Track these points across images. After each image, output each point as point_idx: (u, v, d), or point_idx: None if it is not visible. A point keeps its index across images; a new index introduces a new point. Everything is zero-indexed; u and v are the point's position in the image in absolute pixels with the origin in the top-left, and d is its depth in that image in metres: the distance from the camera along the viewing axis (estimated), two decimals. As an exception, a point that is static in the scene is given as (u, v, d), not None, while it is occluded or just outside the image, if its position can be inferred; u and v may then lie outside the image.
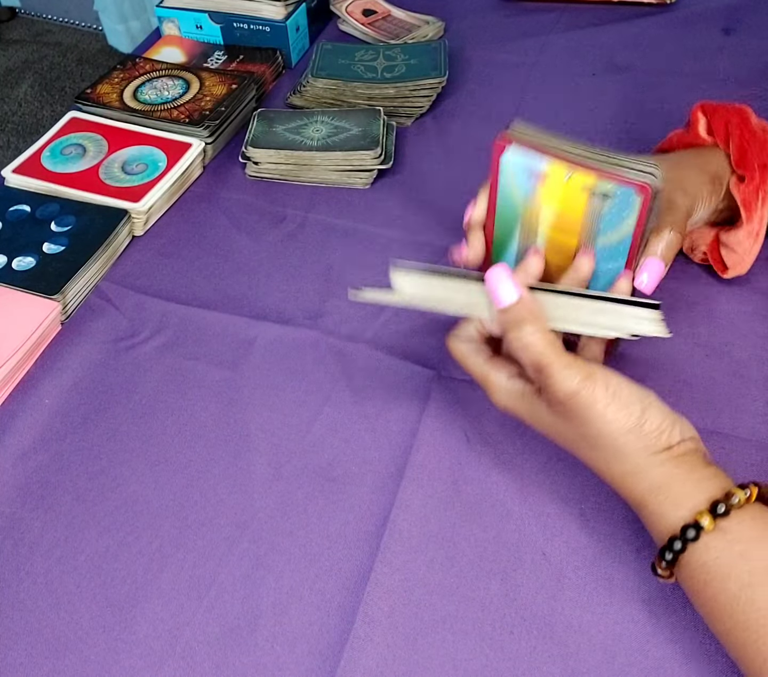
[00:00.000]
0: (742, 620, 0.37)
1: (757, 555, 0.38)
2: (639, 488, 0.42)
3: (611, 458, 0.42)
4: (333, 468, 0.51)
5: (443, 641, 0.43)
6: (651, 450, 0.41)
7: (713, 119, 0.57)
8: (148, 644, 0.44)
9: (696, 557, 0.39)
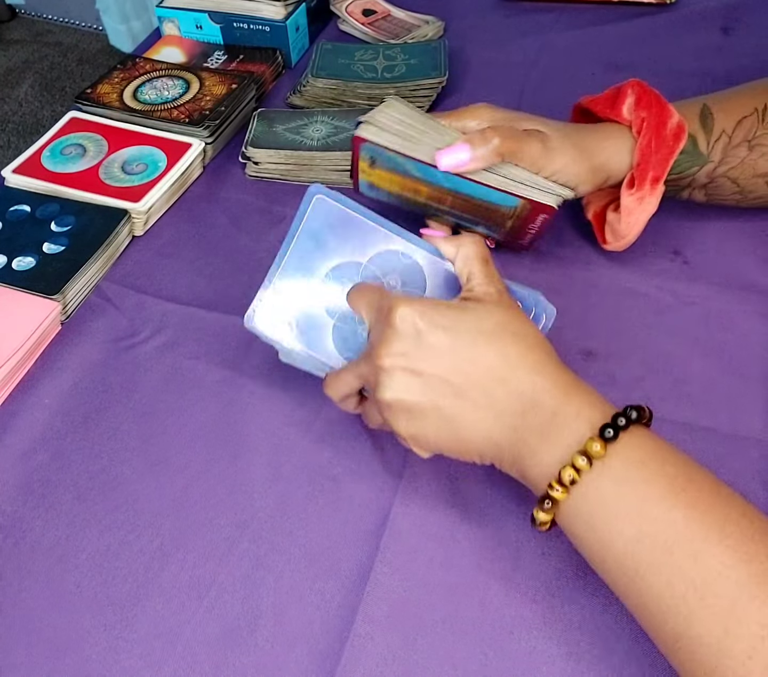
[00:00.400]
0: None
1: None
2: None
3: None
4: (332, 468, 0.51)
5: (443, 641, 0.43)
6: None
7: (637, 107, 0.56)
8: (149, 643, 0.44)
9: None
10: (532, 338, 0.42)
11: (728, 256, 0.63)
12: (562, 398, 0.40)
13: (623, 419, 0.38)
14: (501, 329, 0.41)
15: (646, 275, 0.62)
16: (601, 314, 0.59)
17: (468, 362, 0.41)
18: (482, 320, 0.42)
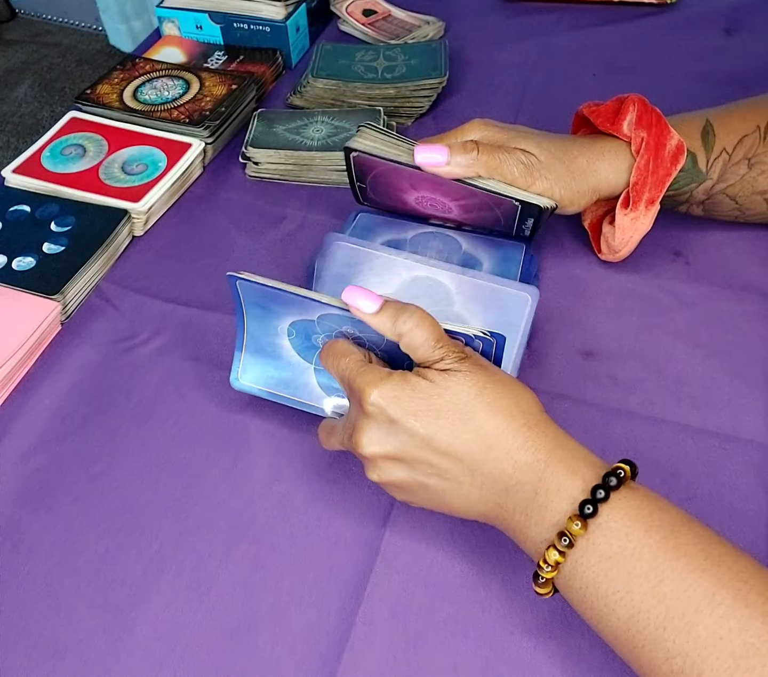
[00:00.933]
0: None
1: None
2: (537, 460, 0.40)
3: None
4: (332, 470, 0.51)
5: (443, 642, 0.43)
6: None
7: (637, 125, 0.56)
8: (148, 646, 0.44)
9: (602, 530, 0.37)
10: (507, 403, 0.41)
11: (729, 257, 0.63)
12: (542, 472, 0.39)
13: (602, 491, 0.37)
14: (475, 403, 0.40)
15: (647, 276, 0.61)
16: (602, 314, 0.59)
17: (446, 444, 0.40)
18: (454, 396, 0.40)
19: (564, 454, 0.40)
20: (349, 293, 0.44)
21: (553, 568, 0.38)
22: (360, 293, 0.43)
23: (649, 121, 0.56)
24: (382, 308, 0.43)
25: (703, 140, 0.56)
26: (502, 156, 0.53)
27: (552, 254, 0.64)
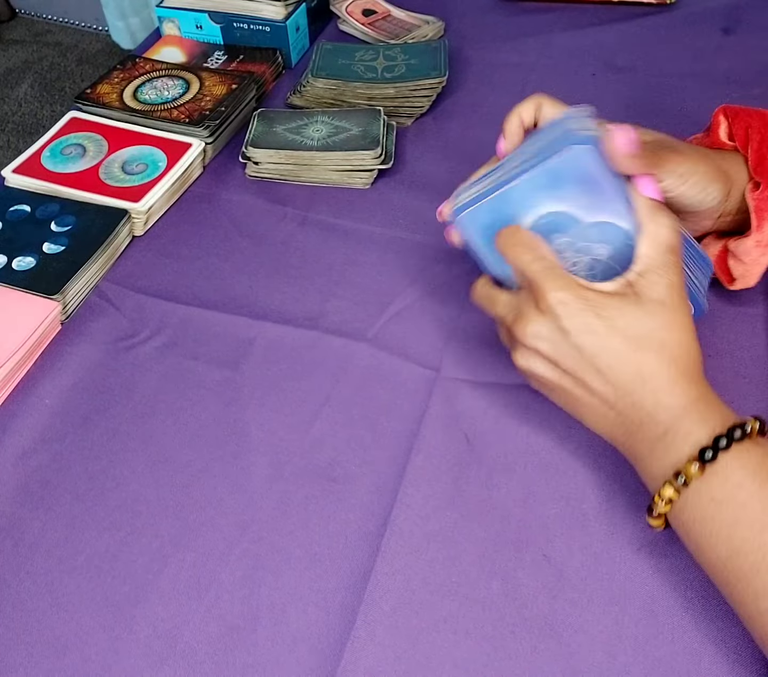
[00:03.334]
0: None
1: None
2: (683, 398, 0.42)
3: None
4: (333, 468, 0.51)
5: (444, 641, 0.43)
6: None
7: (734, 123, 0.55)
8: (149, 644, 0.44)
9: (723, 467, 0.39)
10: (678, 349, 0.43)
11: (729, 256, 0.63)
12: (678, 417, 0.41)
13: (725, 440, 0.39)
14: (650, 337, 0.42)
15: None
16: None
17: (606, 367, 0.43)
18: (635, 323, 0.42)
19: (704, 407, 0.42)
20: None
21: (666, 503, 0.41)
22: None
23: (746, 112, 0.55)
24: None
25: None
26: (659, 152, 0.50)
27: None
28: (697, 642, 0.42)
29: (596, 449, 0.50)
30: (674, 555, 0.45)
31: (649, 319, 0.42)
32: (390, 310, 0.60)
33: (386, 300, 0.61)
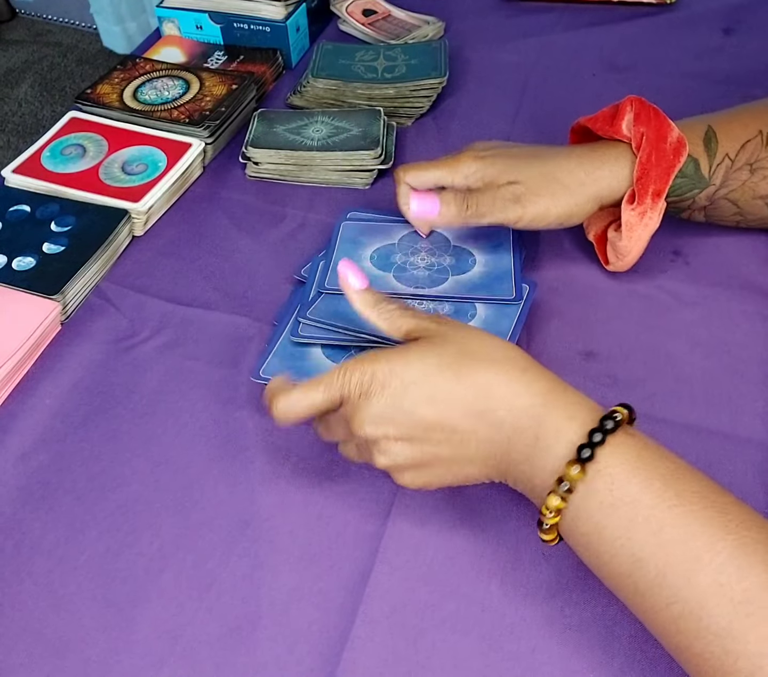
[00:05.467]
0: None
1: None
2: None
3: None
4: (332, 468, 0.51)
5: (443, 641, 0.43)
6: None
7: (636, 122, 0.56)
8: (149, 644, 0.44)
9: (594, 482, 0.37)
10: (494, 353, 0.41)
11: (729, 257, 0.63)
12: (540, 417, 0.39)
13: (599, 434, 0.37)
14: (458, 358, 0.41)
15: (646, 276, 0.61)
16: (602, 314, 0.59)
17: (444, 405, 0.40)
18: (439, 356, 0.41)
19: (560, 398, 0.40)
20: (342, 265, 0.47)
21: (555, 514, 0.38)
22: (352, 268, 0.47)
23: (648, 117, 0.56)
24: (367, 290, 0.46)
25: (705, 146, 0.56)
26: (490, 201, 0.55)
27: (552, 255, 0.64)
28: (697, 642, 0.42)
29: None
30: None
31: (449, 345, 0.41)
32: (390, 310, 0.60)
33: (386, 300, 0.61)
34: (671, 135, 0.55)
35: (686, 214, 0.60)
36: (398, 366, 0.41)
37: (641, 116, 0.56)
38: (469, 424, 0.41)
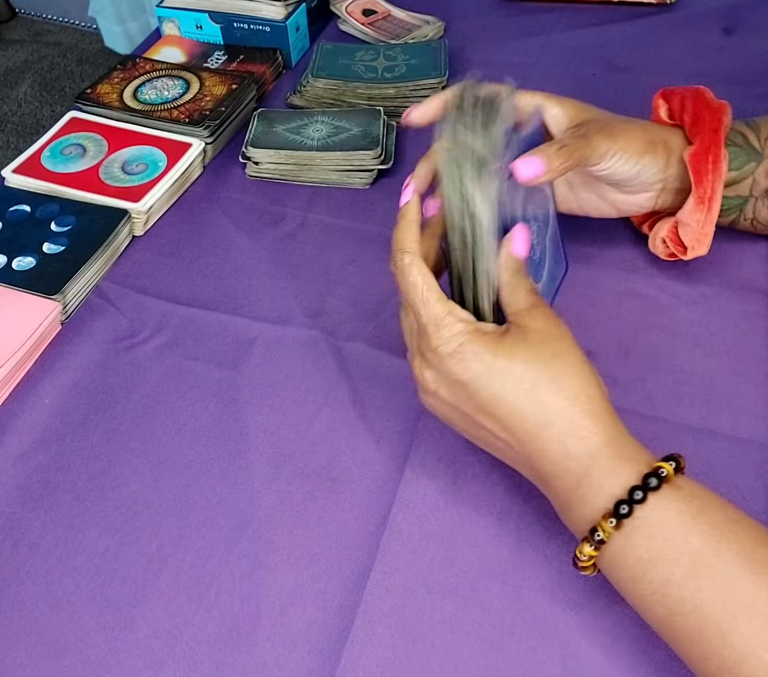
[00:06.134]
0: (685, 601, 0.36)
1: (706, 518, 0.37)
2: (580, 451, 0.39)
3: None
4: (332, 468, 0.51)
5: (443, 641, 0.43)
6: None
7: (671, 99, 0.57)
8: (148, 644, 0.44)
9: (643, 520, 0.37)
10: (574, 383, 0.40)
11: (729, 256, 0.63)
12: (588, 468, 0.39)
13: (641, 492, 0.37)
14: (538, 370, 0.40)
15: (646, 275, 0.61)
16: (602, 314, 0.59)
17: (502, 414, 0.40)
18: (527, 364, 0.40)
19: (615, 453, 0.39)
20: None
21: (588, 559, 0.39)
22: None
23: (680, 89, 0.57)
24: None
25: (747, 125, 0.56)
26: (579, 138, 0.51)
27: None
28: (697, 642, 0.42)
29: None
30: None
31: (541, 351, 0.40)
32: (388, 309, 0.60)
33: (385, 300, 0.61)
34: (708, 95, 0.56)
35: (750, 208, 0.58)
36: (490, 358, 0.40)
37: (674, 92, 0.57)
38: (518, 436, 0.41)
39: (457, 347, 0.41)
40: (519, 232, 0.45)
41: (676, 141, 0.55)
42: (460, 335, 0.41)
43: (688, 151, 0.54)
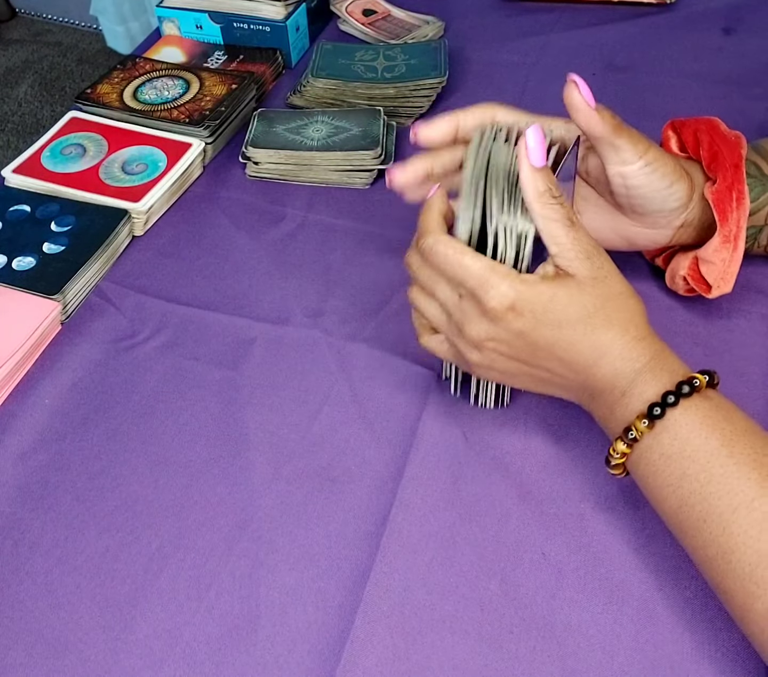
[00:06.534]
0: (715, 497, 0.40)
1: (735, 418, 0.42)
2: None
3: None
4: (332, 468, 0.51)
5: (443, 641, 0.43)
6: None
7: (683, 132, 0.55)
8: (148, 644, 0.44)
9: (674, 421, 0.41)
10: (624, 317, 0.45)
11: (728, 256, 0.63)
12: (633, 381, 0.43)
13: (672, 397, 0.41)
14: (596, 314, 0.44)
15: (646, 275, 0.61)
16: (602, 314, 0.59)
17: (562, 352, 0.44)
18: (579, 306, 0.43)
19: (657, 365, 0.44)
20: None
21: (620, 456, 0.43)
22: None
23: (691, 121, 0.55)
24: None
25: (757, 153, 0.55)
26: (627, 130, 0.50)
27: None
28: (696, 642, 0.42)
29: (594, 448, 0.50)
30: (673, 556, 0.45)
31: (592, 297, 0.44)
32: (388, 310, 0.60)
33: (385, 300, 0.61)
34: (722, 126, 0.55)
35: (763, 238, 0.57)
36: (544, 304, 0.43)
37: (686, 124, 0.55)
38: (572, 372, 0.45)
39: (512, 303, 0.43)
40: (531, 134, 0.44)
41: (696, 176, 0.54)
42: (509, 291, 0.43)
43: (710, 189, 0.52)
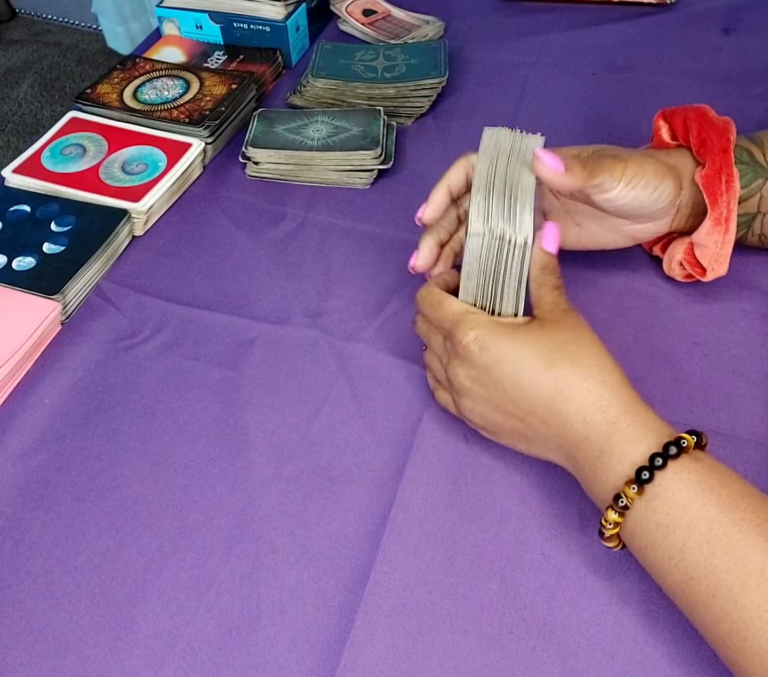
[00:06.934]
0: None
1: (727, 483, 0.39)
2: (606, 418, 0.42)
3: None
4: (332, 468, 0.51)
5: (443, 640, 0.43)
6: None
7: (672, 120, 0.56)
8: (148, 644, 0.44)
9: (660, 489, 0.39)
10: (590, 360, 0.43)
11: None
12: (609, 435, 0.41)
13: (660, 459, 0.39)
14: (560, 352, 0.43)
15: (646, 275, 0.61)
16: (601, 313, 0.59)
17: (526, 388, 0.44)
18: (543, 343, 0.44)
19: (633, 419, 0.42)
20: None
21: (614, 526, 0.41)
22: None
23: (681, 109, 0.56)
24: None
25: (750, 140, 0.56)
26: (595, 160, 0.51)
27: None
28: (696, 642, 0.42)
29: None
30: (673, 555, 0.45)
31: (555, 336, 0.44)
32: (388, 310, 0.60)
33: (385, 300, 0.61)
34: (711, 113, 0.55)
35: (758, 224, 0.57)
36: (509, 338, 0.44)
37: (676, 113, 0.56)
38: (541, 415, 0.44)
39: (478, 337, 0.44)
40: (550, 229, 0.48)
41: (685, 163, 0.55)
42: (479, 327, 0.45)
43: (699, 173, 0.53)
